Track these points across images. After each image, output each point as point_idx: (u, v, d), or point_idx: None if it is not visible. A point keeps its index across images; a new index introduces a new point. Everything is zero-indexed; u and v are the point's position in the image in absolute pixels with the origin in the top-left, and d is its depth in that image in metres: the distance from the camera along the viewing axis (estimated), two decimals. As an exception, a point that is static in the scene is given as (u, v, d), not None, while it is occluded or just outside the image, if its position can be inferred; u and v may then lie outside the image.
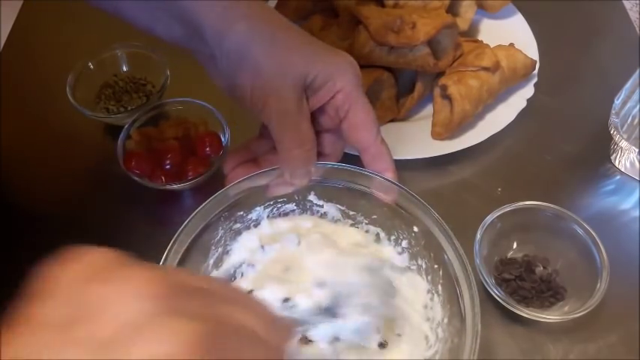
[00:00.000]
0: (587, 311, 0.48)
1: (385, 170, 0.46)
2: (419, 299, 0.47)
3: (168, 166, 0.58)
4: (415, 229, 0.47)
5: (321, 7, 0.71)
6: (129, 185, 0.56)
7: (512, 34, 0.70)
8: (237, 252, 0.49)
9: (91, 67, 0.66)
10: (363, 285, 0.44)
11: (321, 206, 0.51)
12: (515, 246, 0.55)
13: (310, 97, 0.44)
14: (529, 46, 0.68)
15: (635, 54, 0.70)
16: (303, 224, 0.51)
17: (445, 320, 0.45)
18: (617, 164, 0.62)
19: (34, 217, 0.60)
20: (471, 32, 0.72)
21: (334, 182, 0.49)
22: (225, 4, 0.43)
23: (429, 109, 0.64)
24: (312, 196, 0.50)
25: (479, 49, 0.64)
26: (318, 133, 0.47)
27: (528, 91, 0.65)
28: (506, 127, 0.62)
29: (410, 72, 0.65)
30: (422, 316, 0.47)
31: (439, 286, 0.46)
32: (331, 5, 0.69)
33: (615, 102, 0.61)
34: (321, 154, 0.48)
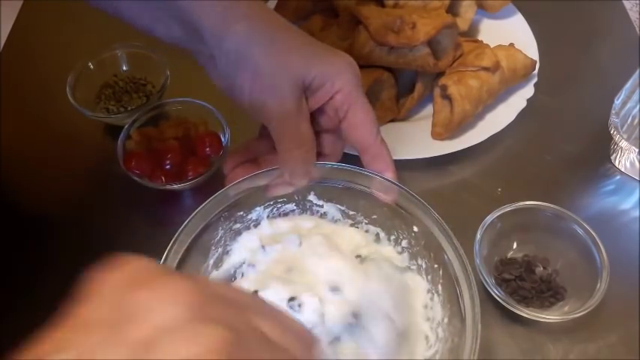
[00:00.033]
0: (587, 311, 0.48)
1: (385, 170, 0.46)
2: (419, 299, 0.47)
3: (168, 166, 0.58)
4: (415, 229, 0.47)
5: (321, 7, 0.71)
6: (129, 185, 0.56)
7: (512, 34, 0.70)
8: (237, 252, 0.49)
9: (91, 67, 0.66)
10: (382, 292, 0.44)
11: (321, 206, 0.51)
12: (515, 246, 0.55)
13: (309, 97, 0.44)
14: (529, 46, 0.68)
15: (635, 54, 0.70)
16: (303, 224, 0.51)
17: (445, 320, 0.45)
18: (617, 164, 0.62)
19: (34, 217, 0.60)
20: (471, 32, 0.72)
21: (334, 182, 0.49)
22: (224, 5, 0.43)
23: (429, 109, 0.64)
24: (311, 196, 0.50)
25: (479, 49, 0.64)
26: (318, 133, 0.47)
27: (528, 91, 0.65)
28: (506, 127, 0.62)
29: (410, 72, 0.65)
30: (422, 316, 0.47)
31: (439, 286, 0.46)
32: (331, 5, 0.69)
33: (615, 102, 0.61)
34: (320, 154, 0.48)
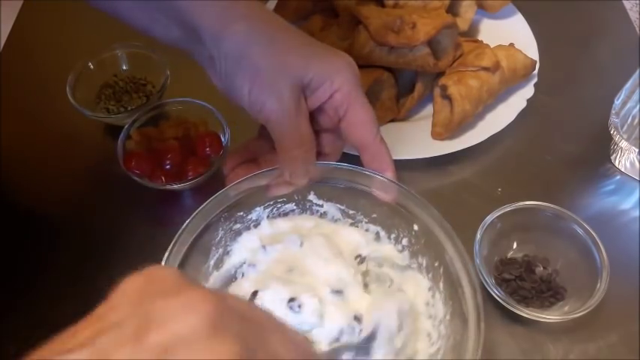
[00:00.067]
0: (587, 311, 0.48)
1: (385, 169, 0.46)
2: (420, 297, 0.47)
3: (168, 166, 0.58)
4: (415, 228, 0.47)
5: (321, 7, 0.71)
6: (129, 185, 0.56)
7: (512, 34, 0.70)
8: (237, 252, 0.49)
9: (91, 67, 0.66)
10: (393, 313, 0.44)
11: (321, 206, 0.51)
12: (515, 246, 0.55)
13: (309, 96, 0.44)
14: (529, 46, 0.68)
15: (635, 54, 0.70)
16: (303, 224, 0.51)
17: (447, 317, 0.45)
18: (617, 164, 0.62)
19: (34, 217, 0.60)
20: (471, 32, 0.72)
21: (334, 182, 0.49)
22: (223, 5, 0.43)
23: (429, 109, 0.64)
24: (311, 196, 0.50)
25: (479, 49, 0.64)
26: (317, 132, 0.47)
27: (528, 91, 0.65)
28: (506, 127, 0.62)
29: (410, 72, 0.65)
30: (423, 314, 0.47)
31: (440, 284, 0.46)
32: (331, 5, 0.69)
33: (615, 102, 0.61)
34: (320, 154, 0.48)
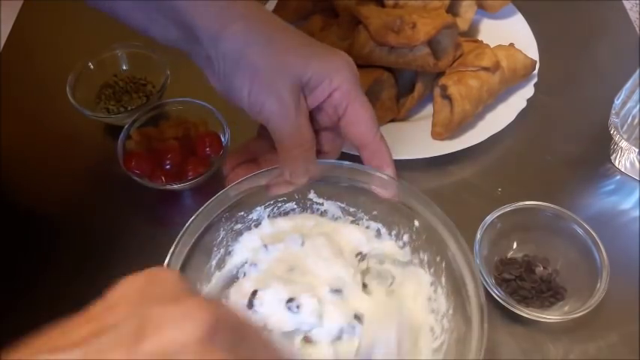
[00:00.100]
0: (587, 311, 0.48)
1: (384, 166, 0.46)
2: (422, 292, 0.47)
3: (168, 166, 0.58)
4: (416, 223, 0.47)
5: (321, 7, 0.71)
6: (129, 185, 0.56)
7: (512, 34, 0.70)
8: (239, 252, 0.49)
9: (91, 67, 0.66)
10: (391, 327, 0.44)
11: (321, 204, 0.51)
12: (515, 246, 0.55)
13: (307, 96, 0.44)
14: (529, 46, 0.68)
15: (635, 54, 0.70)
16: (304, 223, 0.51)
17: (450, 311, 0.45)
18: (617, 164, 0.62)
19: (34, 217, 0.60)
20: (471, 32, 0.72)
21: (334, 180, 0.49)
22: (221, 4, 0.42)
23: (429, 109, 0.64)
24: (312, 195, 0.50)
25: (479, 49, 0.64)
26: (317, 131, 0.47)
27: (528, 91, 0.65)
28: (506, 127, 0.62)
29: (410, 72, 0.65)
30: (426, 309, 0.47)
31: (442, 278, 0.46)
32: (331, 5, 0.69)
33: (615, 102, 0.61)
34: (319, 153, 0.48)
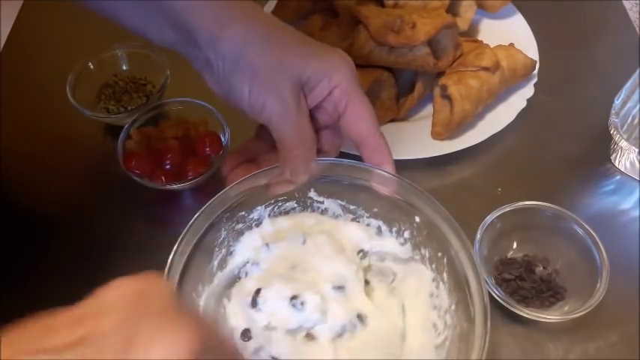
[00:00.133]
0: (587, 311, 0.48)
1: (384, 163, 0.46)
2: (424, 288, 0.47)
3: (168, 166, 0.58)
4: (417, 220, 0.47)
5: (321, 7, 0.71)
6: (129, 185, 0.56)
7: (512, 34, 0.70)
8: (240, 252, 0.49)
9: (91, 67, 0.66)
10: None
11: (322, 202, 0.51)
12: (515, 246, 0.55)
13: (307, 94, 0.44)
14: (529, 46, 0.68)
15: (635, 54, 0.70)
16: (304, 221, 0.51)
17: (452, 307, 0.45)
18: (617, 164, 0.62)
19: (34, 217, 0.60)
20: (471, 32, 0.72)
21: (334, 178, 0.49)
22: (218, 5, 0.42)
23: (429, 109, 0.64)
24: (312, 193, 0.50)
25: (479, 49, 0.64)
26: (316, 130, 0.47)
27: (528, 91, 0.65)
28: (506, 127, 0.62)
29: (410, 72, 0.65)
30: (428, 305, 0.47)
31: (444, 274, 0.46)
32: (331, 5, 0.69)
33: (615, 102, 0.61)
34: (319, 151, 0.48)
